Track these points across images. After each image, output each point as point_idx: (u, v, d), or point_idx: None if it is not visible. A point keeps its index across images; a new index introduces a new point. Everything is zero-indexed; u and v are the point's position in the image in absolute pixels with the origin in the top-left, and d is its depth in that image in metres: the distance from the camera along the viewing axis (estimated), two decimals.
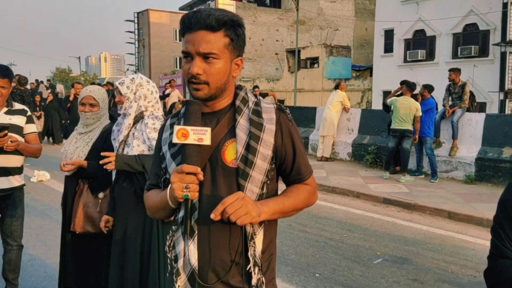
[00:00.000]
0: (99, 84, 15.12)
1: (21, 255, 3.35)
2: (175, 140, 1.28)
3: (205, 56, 1.32)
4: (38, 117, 12.42)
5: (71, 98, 11.16)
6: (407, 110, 7.88)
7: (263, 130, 1.38)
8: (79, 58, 58.66)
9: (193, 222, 1.37)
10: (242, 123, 1.39)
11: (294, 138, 1.45)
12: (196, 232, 1.37)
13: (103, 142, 2.89)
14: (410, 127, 7.92)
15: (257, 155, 1.36)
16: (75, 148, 2.93)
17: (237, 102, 1.42)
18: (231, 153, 1.37)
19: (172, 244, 1.43)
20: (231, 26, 1.35)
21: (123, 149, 2.58)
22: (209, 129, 1.30)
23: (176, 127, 1.28)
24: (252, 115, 1.40)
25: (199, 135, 1.29)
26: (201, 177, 1.29)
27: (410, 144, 8.08)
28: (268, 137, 1.39)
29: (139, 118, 2.60)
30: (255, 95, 1.48)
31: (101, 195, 2.87)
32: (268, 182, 1.40)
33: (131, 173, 2.56)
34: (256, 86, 13.28)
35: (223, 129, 1.39)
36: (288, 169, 1.46)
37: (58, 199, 6.46)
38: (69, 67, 61.65)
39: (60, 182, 7.55)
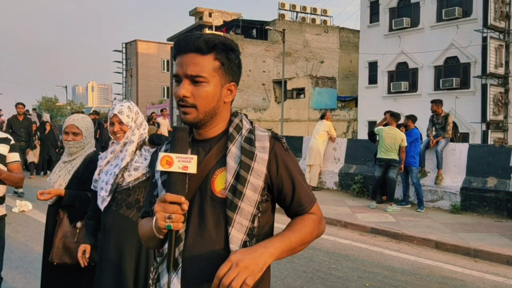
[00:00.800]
0: (82, 113, 14.92)
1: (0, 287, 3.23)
2: (159, 167, 1.22)
3: (193, 79, 1.28)
4: (33, 147, 11.29)
5: None
6: (392, 140, 7.98)
7: (254, 159, 1.31)
8: (65, 87, 58.50)
9: (177, 254, 1.29)
10: (233, 151, 1.32)
11: (290, 167, 1.37)
12: (180, 265, 1.30)
13: (84, 169, 2.86)
14: (396, 157, 8.00)
15: (246, 185, 1.29)
16: (58, 176, 2.89)
17: (230, 129, 1.36)
18: (221, 183, 1.30)
19: (156, 277, 1.36)
20: (223, 49, 1.31)
21: (122, 175, 2.51)
22: (195, 156, 1.24)
23: (161, 154, 1.22)
24: (244, 142, 1.33)
25: (184, 163, 1.22)
26: (185, 207, 1.21)
27: (396, 174, 8.14)
28: (259, 167, 1.31)
29: (141, 144, 2.57)
30: (251, 122, 1.42)
31: (79, 224, 2.80)
32: (259, 214, 1.31)
33: (129, 200, 2.50)
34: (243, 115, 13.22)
35: (214, 157, 1.33)
36: (288, 200, 1.37)
37: (40, 229, 6.30)
38: (55, 96, 61.43)
39: (43, 212, 7.38)
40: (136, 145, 2.55)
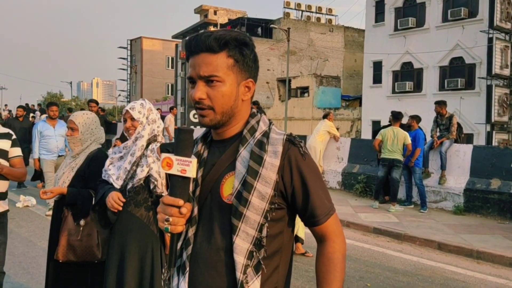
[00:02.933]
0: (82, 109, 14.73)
1: (2, 282, 3.24)
2: (160, 168, 1.23)
3: (207, 80, 1.24)
4: None
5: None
6: (395, 139, 7.96)
7: (263, 165, 1.22)
8: (70, 83, 58.74)
9: (185, 258, 1.28)
10: (243, 155, 1.25)
11: (306, 174, 1.26)
12: (188, 270, 1.27)
13: (87, 167, 2.87)
14: (399, 157, 7.98)
15: (252, 193, 1.21)
16: (63, 173, 2.91)
17: (244, 131, 1.29)
18: (229, 188, 1.25)
19: (168, 278, 1.35)
20: (235, 46, 1.25)
21: (134, 170, 2.51)
22: (194, 160, 1.17)
23: (162, 156, 1.18)
24: (255, 146, 1.25)
25: (182, 166, 1.17)
26: (183, 210, 1.16)
27: (400, 174, 8.12)
28: (268, 173, 1.22)
29: (152, 141, 2.57)
30: (270, 123, 1.33)
31: (82, 222, 2.81)
32: (267, 224, 1.23)
33: (137, 198, 2.49)
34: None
35: (226, 160, 1.28)
36: (301, 210, 1.28)
37: (43, 225, 6.34)
38: (60, 91, 61.66)
39: (46, 208, 7.40)
40: (146, 140, 2.54)
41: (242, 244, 1.22)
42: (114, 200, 2.40)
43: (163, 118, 14.42)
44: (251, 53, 1.29)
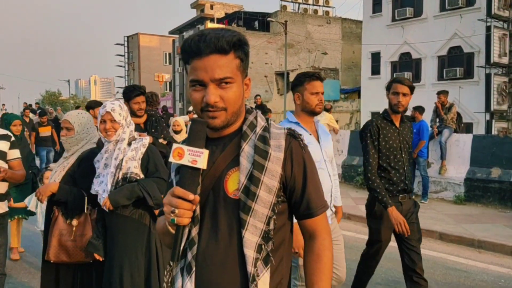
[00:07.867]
0: (78, 107, 14.65)
1: (3, 283, 3.23)
2: (170, 158, 1.18)
3: (221, 82, 1.23)
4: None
5: None
6: None
7: (268, 158, 1.26)
8: (68, 81, 58.51)
9: (190, 258, 1.26)
10: (247, 150, 1.26)
11: (307, 167, 1.32)
12: (194, 269, 1.26)
13: (77, 167, 2.82)
14: None
15: (260, 186, 1.24)
16: (54, 172, 2.88)
17: (244, 127, 1.30)
18: (234, 183, 1.26)
19: (170, 280, 1.33)
20: (240, 46, 1.26)
21: (119, 172, 2.56)
22: (205, 151, 1.17)
23: (174, 146, 1.19)
24: (258, 141, 1.28)
25: (194, 157, 1.17)
26: (191, 204, 1.17)
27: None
28: (274, 166, 1.26)
29: (130, 142, 2.64)
30: (267, 119, 1.36)
31: (74, 222, 2.76)
32: (275, 216, 1.27)
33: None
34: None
35: (228, 157, 1.28)
36: (298, 202, 1.32)
37: None
38: (58, 90, 61.47)
39: None
40: (127, 143, 2.61)
41: (251, 238, 1.24)
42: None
43: (170, 115, 14.15)
44: (248, 52, 1.32)
